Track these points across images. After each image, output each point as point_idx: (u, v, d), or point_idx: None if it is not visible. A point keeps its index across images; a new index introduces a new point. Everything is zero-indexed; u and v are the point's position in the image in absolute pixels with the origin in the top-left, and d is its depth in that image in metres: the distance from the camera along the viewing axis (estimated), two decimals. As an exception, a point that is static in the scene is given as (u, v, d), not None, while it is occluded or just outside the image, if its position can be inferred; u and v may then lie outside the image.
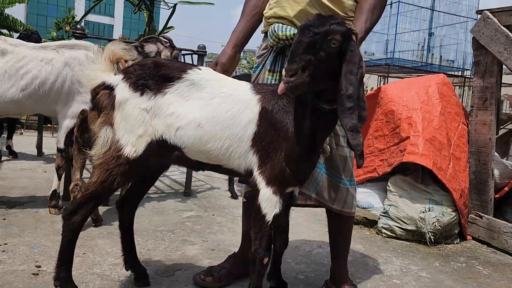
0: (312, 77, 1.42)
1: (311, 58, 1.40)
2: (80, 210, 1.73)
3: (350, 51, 1.46)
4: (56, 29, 8.02)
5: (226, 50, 2.04)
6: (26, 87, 2.86)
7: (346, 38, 1.45)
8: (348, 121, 1.46)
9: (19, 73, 2.84)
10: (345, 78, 1.45)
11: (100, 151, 1.70)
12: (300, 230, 3.21)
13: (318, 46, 1.41)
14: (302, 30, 1.42)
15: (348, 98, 1.45)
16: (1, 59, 2.84)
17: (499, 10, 3.21)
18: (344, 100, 1.45)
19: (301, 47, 1.40)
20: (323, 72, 1.45)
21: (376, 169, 3.52)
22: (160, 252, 2.53)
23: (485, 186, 3.31)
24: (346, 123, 1.47)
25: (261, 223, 1.66)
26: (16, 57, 2.86)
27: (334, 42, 1.42)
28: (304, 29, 1.41)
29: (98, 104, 1.73)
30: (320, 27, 1.41)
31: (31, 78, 2.86)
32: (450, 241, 3.21)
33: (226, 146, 1.65)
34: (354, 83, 1.45)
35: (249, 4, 2.12)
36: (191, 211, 3.48)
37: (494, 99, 3.26)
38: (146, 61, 1.73)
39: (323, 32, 1.40)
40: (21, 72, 2.85)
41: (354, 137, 1.47)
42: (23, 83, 2.86)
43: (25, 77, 2.86)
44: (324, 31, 1.40)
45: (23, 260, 2.24)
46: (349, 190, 2.03)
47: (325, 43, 1.41)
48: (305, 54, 1.40)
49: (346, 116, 1.46)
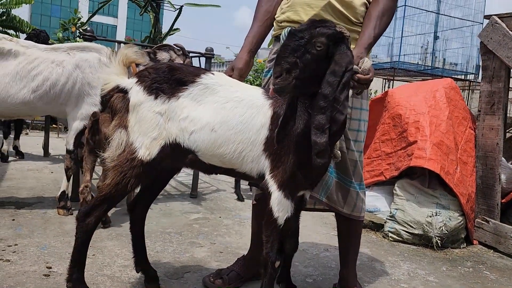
0: (299, 79, 1.43)
1: (296, 60, 1.41)
2: (94, 212, 1.74)
3: (339, 54, 1.45)
4: (62, 30, 8.05)
5: (242, 55, 2.06)
6: (37, 88, 2.88)
7: (333, 41, 1.45)
8: (317, 119, 1.45)
9: (31, 75, 2.87)
10: (327, 78, 1.44)
11: (114, 154, 1.72)
12: (307, 233, 3.22)
13: (303, 49, 1.42)
14: (289, 35, 1.45)
15: (323, 97, 1.43)
16: (13, 61, 2.87)
17: (507, 15, 3.21)
18: (319, 98, 1.44)
19: (287, 51, 1.42)
20: (311, 74, 1.45)
21: (383, 172, 3.53)
22: (169, 254, 2.54)
23: (492, 190, 3.31)
24: (313, 120, 1.46)
25: (273, 226, 1.67)
26: (27, 58, 2.88)
27: (319, 45, 1.43)
28: (291, 34, 1.44)
29: (112, 107, 1.74)
30: (305, 31, 1.43)
31: (42, 79, 2.88)
32: (456, 245, 3.22)
33: (239, 150, 1.67)
34: (334, 84, 1.43)
35: (261, 9, 2.13)
36: (198, 213, 3.50)
37: (502, 104, 3.26)
38: (161, 65, 1.75)
39: (308, 35, 1.42)
40: (32, 73, 2.87)
41: (317, 135, 1.44)
42: (34, 84, 2.88)
43: (36, 79, 2.88)
44: (309, 34, 1.42)
45: (33, 261, 2.25)
46: (359, 194, 2.04)
47: (310, 46, 1.42)
48: (290, 57, 1.41)
49: (317, 114, 1.45)
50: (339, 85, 1.43)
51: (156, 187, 2.05)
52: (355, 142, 2.01)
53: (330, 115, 1.44)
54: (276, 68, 1.43)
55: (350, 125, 1.99)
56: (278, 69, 1.42)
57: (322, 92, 1.44)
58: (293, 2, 1.96)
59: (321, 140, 1.43)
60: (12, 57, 2.88)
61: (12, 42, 2.95)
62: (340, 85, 1.44)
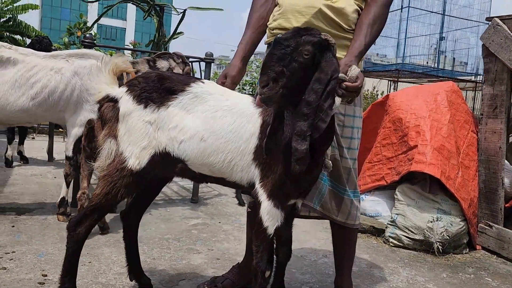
0: (286, 88, 1.39)
1: (283, 69, 1.38)
2: (85, 222, 1.74)
3: (325, 61, 1.42)
4: (68, 35, 8.13)
5: (235, 62, 2.05)
6: (36, 96, 2.90)
7: (319, 49, 1.42)
8: (298, 125, 1.42)
9: (29, 82, 2.89)
10: (312, 85, 1.42)
11: (104, 163, 1.71)
12: (306, 238, 3.20)
13: (290, 57, 1.39)
14: (274, 44, 1.41)
15: (306, 104, 1.41)
16: (12, 69, 2.89)
17: (509, 17, 3.16)
18: (302, 105, 1.42)
19: (273, 59, 1.39)
20: (298, 83, 1.41)
21: (384, 177, 3.49)
22: (165, 261, 2.54)
23: (495, 195, 3.26)
24: (295, 126, 1.44)
25: (262, 236, 1.65)
26: (26, 66, 2.91)
27: (306, 53, 1.40)
28: (277, 43, 1.41)
29: (102, 116, 1.74)
30: (291, 39, 1.40)
31: (41, 87, 2.90)
32: (458, 251, 3.17)
33: (229, 159, 1.66)
34: (318, 92, 1.41)
35: (254, 16, 2.12)
36: (198, 218, 3.49)
37: (504, 107, 3.21)
38: (150, 74, 1.75)
39: (294, 43, 1.39)
40: (31, 81, 2.89)
41: (298, 142, 1.41)
42: (33, 92, 2.90)
43: (35, 86, 2.90)
44: (295, 42, 1.39)
45: (29, 269, 2.26)
46: (353, 201, 2.02)
47: (296, 54, 1.39)
48: (277, 65, 1.38)
49: (299, 120, 1.42)
50: (323, 93, 1.40)
51: (148, 196, 2.06)
52: (349, 150, 1.99)
53: (312, 122, 1.41)
54: (263, 77, 1.40)
55: (343, 132, 1.98)
56: (265, 78, 1.39)
57: (306, 99, 1.41)
58: (285, 9, 1.95)
59: (302, 147, 1.40)
60: (11, 65, 2.91)
61: (11, 50, 2.97)
62: (325, 93, 1.41)
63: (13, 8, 7.84)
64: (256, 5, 2.13)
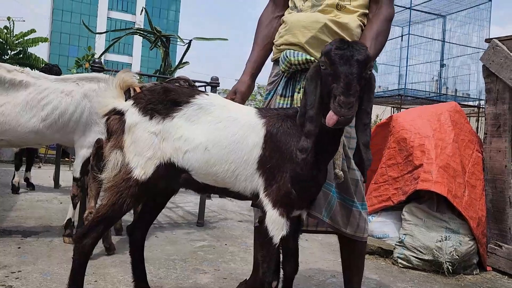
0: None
1: (359, 88, 1.42)
2: (91, 233, 1.74)
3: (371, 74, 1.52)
4: (77, 67, 8.32)
5: (244, 79, 2.11)
6: (46, 117, 2.96)
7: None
8: (363, 136, 1.51)
9: (40, 104, 2.96)
10: (366, 97, 1.50)
11: (110, 174, 1.73)
12: (314, 259, 3.16)
13: (363, 75, 1.44)
14: (347, 60, 1.41)
15: (366, 114, 1.50)
16: (23, 91, 2.97)
17: (507, 38, 3.24)
18: (363, 116, 1.50)
19: (355, 79, 1.40)
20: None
21: (391, 197, 3.48)
22: (172, 281, 2.51)
23: (503, 214, 3.23)
24: (361, 138, 1.52)
25: (268, 245, 1.64)
26: (37, 89, 2.98)
27: (370, 69, 1.47)
28: (350, 59, 1.41)
29: (109, 128, 1.78)
30: (360, 55, 1.42)
31: (51, 109, 2.97)
32: (469, 271, 3.12)
33: (232, 169, 1.68)
34: (372, 101, 1.52)
35: (260, 35, 2.20)
36: (204, 240, 3.47)
37: (508, 126, 3.24)
38: (156, 87, 1.79)
39: (364, 60, 1.43)
40: (42, 103, 2.96)
41: (366, 152, 1.51)
42: (44, 113, 2.96)
43: (45, 108, 2.96)
44: (365, 60, 1.43)
45: (35, 287, 2.25)
46: (362, 213, 2.01)
47: (365, 71, 1.45)
48: (357, 85, 1.41)
49: (362, 131, 1.50)
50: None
51: (155, 210, 2.06)
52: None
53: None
54: (351, 99, 1.37)
55: (350, 144, 1.99)
56: (352, 100, 1.38)
57: (366, 110, 1.50)
58: (291, 25, 2.01)
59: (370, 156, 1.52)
60: (23, 88, 2.98)
61: (23, 73, 3.06)
62: None
63: (23, 41, 8.08)
64: (262, 25, 2.21)
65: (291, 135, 1.65)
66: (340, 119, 1.38)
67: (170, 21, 49.90)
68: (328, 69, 1.45)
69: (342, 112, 1.38)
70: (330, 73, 1.44)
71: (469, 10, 7.93)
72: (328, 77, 1.45)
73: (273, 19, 2.18)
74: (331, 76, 1.43)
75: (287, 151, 1.64)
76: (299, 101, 1.91)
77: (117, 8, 48.22)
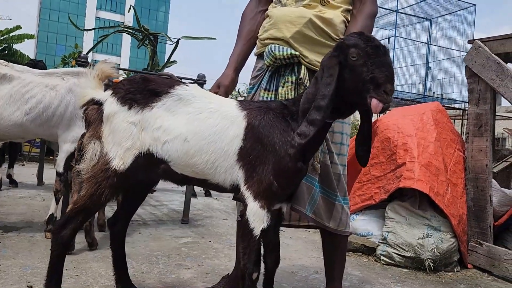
0: None
1: None
2: (70, 224, 1.72)
3: None
4: (63, 64, 8.23)
5: (228, 72, 2.11)
6: (30, 111, 2.94)
7: None
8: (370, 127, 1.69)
9: (24, 98, 2.93)
10: None
11: (88, 165, 1.71)
12: (298, 256, 3.18)
13: None
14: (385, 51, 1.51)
15: None
16: (7, 85, 2.94)
17: (489, 39, 3.30)
18: None
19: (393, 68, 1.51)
20: None
21: (373, 196, 3.51)
22: (154, 275, 2.50)
23: (484, 213, 3.29)
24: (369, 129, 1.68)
25: (249, 237, 1.64)
26: (22, 82, 2.96)
27: None
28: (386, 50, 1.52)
29: (87, 118, 1.76)
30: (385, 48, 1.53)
31: (35, 102, 2.94)
32: (450, 268, 3.16)
33: (212, 160, 1.67)
34: None
35: (244, 29, 2.20)
36: (188, 237, 3.46)
37: (489, 126, 3.29)
38: (135, 77, 1.78)
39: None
40: (26, 96, 2.93)
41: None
42: (28, 107, 2.93)
43: (29, 102, 2.94)
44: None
45: (15, 281, 2.22)
46: (344, 208, 2.03)
47: None
48: None
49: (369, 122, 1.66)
50: None
51: (135, 201, 2.05)
52: (339, 156, 2.02)
53: None
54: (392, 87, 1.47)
55: (333, 138, 2.01)
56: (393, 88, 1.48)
57: None
58: (276, 20, 2.02)
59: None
60: (6, 81, 2.95)
61: (7, 67, 3.03)
62: None
63: (8, 37, 7.98)
64: (246, 19, 2.22)
65: (274, 127, 1.66)
66: (384, 106, 1.46)
67: (159, 22, 49.67)
68: (361, 61, 1.48)
69: (388, 99, 1.45)
70: (365, 63, 1.48)
71: (454, 14, 8.08)
72: (363, 68, 1.48)
73: (257, 13, 2.19)
74: (366, 67, 1.47)
75: (269, 143, 1.64)
76: (284, 95, 1.93)
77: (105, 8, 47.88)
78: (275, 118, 1.68)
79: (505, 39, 3.24)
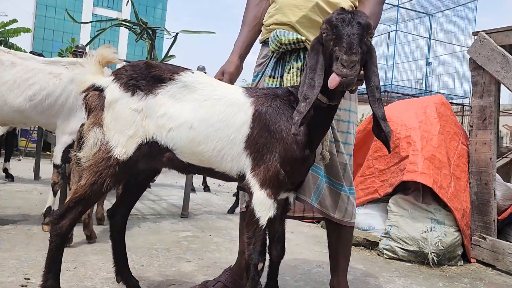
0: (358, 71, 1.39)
1: (363, 50, 1.40)
2: (69, 214, 1.66)
3: (371, 45, 1.50)
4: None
5: (233, 59, 2.05)
6: (33, 97, 2.89)
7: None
8: (379, 110, 1.49)
9: (28, 83, 2.88)
10: (372, 71, 1.48)
11: (89, 153, 1.65)
12: (300, 250, 3.13)
13: (364, 39, 1.41)
14: (349, 22, 1.39)
15: (376, 89, 1.48)
16: (10, 71, 2.88)
17: (494, 31, 3.25)
18: (374, 91, 1.48)
19: (357, 38, 1.36)
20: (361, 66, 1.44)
21: (378, 190, 3.47)
22: (154, 268, 2.45)
23: (488, 206, 3.25)
24: (377, 112, 1.49)
25: (255, 227, 1.59)
26: (25, 68, 2.91)
27: (371, 35, 1.45)
28: (351, 21, 1.39)
29: (87, 105, 1.69)
30: (361, 19, 1.40)
31: (39, 89, 2.90)
32: (453, 262, 3.12)
33: (219, 148, 1.62)
34: (378, 75, 1.50)
35: (249, 15, 2.15)
36: (188, 231, 3.41)
37: (493, 118, 3.25)
38: (138, 62, 1.71)
39: (366, 24, 1.40)
40: (29, 82, 2.88)
41: (385, 125, 1.49)
42: (31, 93, 2.88)
43: (33, 88, 2.89)
44: (366, 23, 1.40)
45: (12, 273, 2.16)
46: (350, 198, 1.99)
47: (366, 36, 1.42)
48: (359, 45, 1.37)
49: (376, 106, 1.48)
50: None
51: (136, 192, 1.99)
52: (345, 145, 1.98)
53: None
54: (353, 57, 1.33)
55: (340, 127, 1.97)
56: (355, 59, 1.33)
57: (375, 85, 1.48)
58: (281, 4, 1.96)
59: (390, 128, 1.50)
60: (10, 68, 2.90)
61: (10, 54, 2.97)
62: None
63: (4, 31, 7.88)
64: (251, 5, 2.16)
65: (281, 114, 1.61)
66: (342, 80, 1.32)
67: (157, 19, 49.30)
68: (330, 34, 1.41)
69: (344, 72, 1.32)
70: (332, 38, 1.40)
71: (455, 9, 8.02)
72: (330, 42, 1.41)
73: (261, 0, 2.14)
74: (333, 40, 1.40)
75: (276, 130, 1.59)
76: (289, 82, 1.87)
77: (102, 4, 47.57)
78: (282, 105, 1.63)
79: (510, 30, 3.19)
